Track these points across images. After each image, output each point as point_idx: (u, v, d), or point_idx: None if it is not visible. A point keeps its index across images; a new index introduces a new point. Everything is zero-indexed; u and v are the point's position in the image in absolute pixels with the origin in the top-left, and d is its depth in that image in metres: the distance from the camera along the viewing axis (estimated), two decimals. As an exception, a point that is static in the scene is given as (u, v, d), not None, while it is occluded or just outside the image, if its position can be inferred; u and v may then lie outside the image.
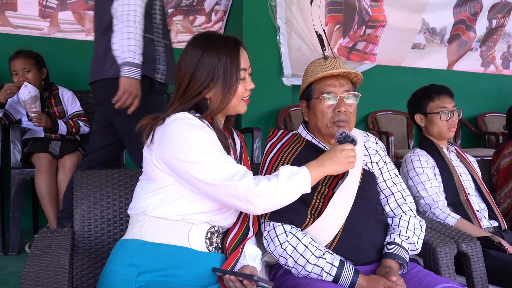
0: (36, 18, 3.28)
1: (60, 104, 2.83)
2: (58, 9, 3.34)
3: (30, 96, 2.61)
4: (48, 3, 3.32)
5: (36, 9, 3.28)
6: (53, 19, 3.33)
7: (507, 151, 2.25)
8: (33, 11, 3.27)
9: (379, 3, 3.98)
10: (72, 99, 2.89)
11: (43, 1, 3.29)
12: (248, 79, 1.26)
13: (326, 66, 1.41)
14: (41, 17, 3.30)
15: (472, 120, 4.36)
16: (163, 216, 1.15)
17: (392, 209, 1.47)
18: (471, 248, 1.47)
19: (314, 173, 1.19)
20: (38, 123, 2.63)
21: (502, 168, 2.22)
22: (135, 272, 1.10)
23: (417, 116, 2.00)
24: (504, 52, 4.76)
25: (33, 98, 2.63)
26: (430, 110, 1.96)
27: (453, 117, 1.94)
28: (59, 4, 3.34)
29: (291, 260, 1.28)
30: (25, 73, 2.66)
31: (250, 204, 1.10)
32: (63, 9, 3.35)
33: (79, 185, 1.44)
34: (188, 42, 1.24)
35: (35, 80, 2.69)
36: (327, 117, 1.40)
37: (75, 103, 2.91)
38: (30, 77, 2.67)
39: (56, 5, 3.34)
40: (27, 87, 2.61)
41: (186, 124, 1.14)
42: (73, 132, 2.79)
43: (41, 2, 3.29)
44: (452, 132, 1.96)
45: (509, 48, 4.77)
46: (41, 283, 1.00)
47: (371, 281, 1.22)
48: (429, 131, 1.99)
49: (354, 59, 3.99)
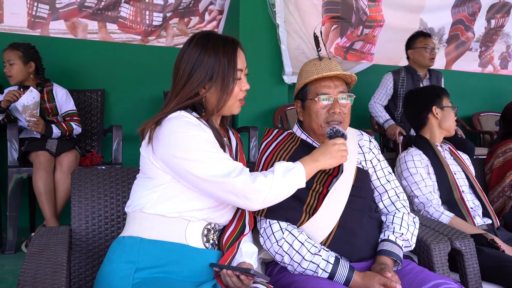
0: (25, 29, 3.13)
1: (53, 101, 2.79)
2: (50, 19, 3.22)
3: (34, 101, 2.61)
4: (39, 13, 3.17)
5: (24, 20, 3.13)
6: (43, 29, 3.20)
7: (501, 151, 2.27)
8: (21, 23, 3.13)
9: (377, 3, 3.98)
10: (66, 97, 2.86)
11: (33, 11, 3.14)
12: (244, 80, 1.27)
13: (321, 68, 1.42)
14: (30, 28, 3.16)
15: (467, 119, 4.39)
16: (160, 213, 1.16)
17: (385, 206, 1.49)
18: (464, 245, 1.49)
19: (308, 168, 1.21)
20: (35, 128, 2.61)
21: (495, 168, 2.24)
22: (133, 269, 1.11)
23: (435, 109, 2.03)
24: (503, 52, 4.78)
25: (36, 103, 2.62)
26: (446, 105, 2.03)
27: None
28: (50, 13, 3.21)
29: (287, 257, 1.29)
30: (10, 65, 2.62)
31: (248, 200, 1.12)
32: (54, 18, 3.23)
33: (77, 183, 1.45)
34: (186, 41, 1.25)
35: (18, 73, 2.64)
36: (321, 117, 1.41)
37: (69, 102, 2.87)
38: (13, 70, 2.62)
39: (47, 14, 3.20)
40: (32, 92, 2.59)
41: (183, 123, 1.15)
42: (67, 135, 2.77)
43: (30, 12, 3.13)
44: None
45: (508, 48, 4.78)
46: (39, 280, 1.01)
47: (366, 277, 1.24)
48: (443, 125, 2.04)
49: (351, 58, 4.00)
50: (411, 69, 3.21)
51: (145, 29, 3.52)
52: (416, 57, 3.16)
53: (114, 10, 3.41)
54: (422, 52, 3.12)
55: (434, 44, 3.13)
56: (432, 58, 3.12)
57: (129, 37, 3.50)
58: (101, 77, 3.39)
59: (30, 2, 3.15)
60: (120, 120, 3.32)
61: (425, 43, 3.11)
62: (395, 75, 3.24)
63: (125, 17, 3.46)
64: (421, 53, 3.12)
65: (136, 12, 3.49)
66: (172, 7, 3.56)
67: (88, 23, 3.36)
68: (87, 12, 3.33)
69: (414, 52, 3.17)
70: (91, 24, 3.37)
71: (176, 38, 3.65)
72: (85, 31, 3.36)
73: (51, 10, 3.22)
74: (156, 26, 3.55)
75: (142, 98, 3.47)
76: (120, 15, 3.45)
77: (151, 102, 3.47)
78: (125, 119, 3.34)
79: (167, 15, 3.56)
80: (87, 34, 3.38)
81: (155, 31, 3.57)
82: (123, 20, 3.47)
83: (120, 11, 3.44)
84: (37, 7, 3.17)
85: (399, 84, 3.21)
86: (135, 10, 3.48)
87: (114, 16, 3.43)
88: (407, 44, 3.26)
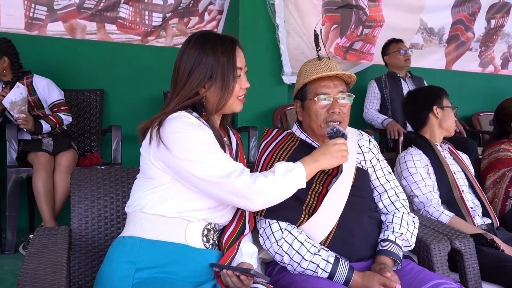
0: (22, 31, 3.10)
1: (35, 93, 2.70)
2: (48, 20, 3.18)
3: (21, 97, 2.57)
4: (36, 14, 3.13)
5: (21, 22, 3.09)
6: (41, 31, 3.16)
7: (487, 153, 2.29)
8: (18, 24, 3.08)
9: (377, 3, 3.98)
10: (49, 87, 2.74)
11: (30, 13, 3.10)
12: (244, 78, 1.27)
13: (320, 67, 1.42)
14: (28, 29, 3.12)
15: (467, 119, 4.39)
16: (161, 214, 1.16)
17: (385, 206, 1.49)
18: (464, 245, 1.49)
19: (308, 168, 1.21)
20: (24, 125, 2.57)
21: (482, 169, 2.27)
22: (133, 269, 1.11)
23: (436, 108, 2.04)
24: (505, 53, 4.77)
25: (24, 99, 2.58)
26: (446, 105, 2.04)
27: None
28: (48, 14, 3.17)
29: (287, 257, 1.29)
30: None
31: (248, 201, 1.12)
32: (53, 19, 3.19)
33: (76, 183, 1.45)
34: (184, 41, 1.25)
35: None
36: (321, 117, 1.42)
37: (52, 92, 2.75)
38: None
39: (45, 15, 3.15)
40: (19, 88, 2.56)
41: (183, 123, 1.15)
42: (57, 128, 2.71)
43: (27, 14, 3.09)
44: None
45: (510, 48, 4.77)
46: (39, 280, 1.01)
47: (366, 277, 1.24)
48: (443, 125, 2.04)
49: (350, 58, 3.99)
50: (391, 73, 3.47)
51: (145, 29, 3.52)
52: (392, 61, 3.44)
53: (113, 11, 3.40)
54: (396, 55, 3.40)
55: (407, 47, 3.43)
56: (406, 59, 3.38)
57: (128, 38, 3.50)
58: (100, 77, 3.38)
59: (27, 4, 3.12)
60: (119, 120, 3.31)
61: (398, 47, 3.40)
62: (377, 81, 3.46)
63: (124, 18, 3.45)
64: (395, 56, 3.40)
65: (135, 13, 3.48)
66: (172, 8, 3.55)
67: (87, 24, 3.34)
68: (86, 14, 3.32)
69: (390, 57, 3.45)
70: (89, 25, 3.36)
71: (175, 38, 3.64)
72: (84, 32, 3.35)
73: (49, 12, 3.19)
74: (156, 27, 3.55)
75: (142, 98, 3.46)
76: (119, 15, 3.44)
77: (150, 102, 3.46)
78: (124, 119, 3.33)
79: (167, 15, 3.55)
80: (86, 35, 3.37)
81: (155, 31, 3.57)
82: (122, 20, 3.46)
83: (119, 11, 3.43)
84: (34, 9, 3.14)
85: (383, 87, 3.43)
86: (134, 10, 3.47)
87: (113, 17, 3.42)
88: (382, 52, 3.54)
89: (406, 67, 3.44)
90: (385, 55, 3.50)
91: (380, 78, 3.48)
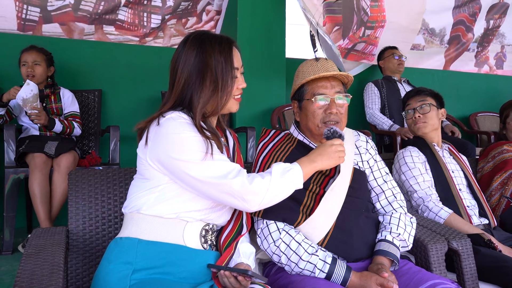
0: (15, 31, 3.11)
1: (59, 102, 2.89)
2: (41, 22, 3.17)
3: (32, 94, 2.63)
4: (29, 16, 3.11)
5: (14, 23, 3.09)
6: (35, 32, 3.17)
7: (491, 155, 2.29)
8: (11, 25, 3.09)
9: (380, 3, 3.97)
10: (72, 99, 2.97)
11: (22, 14, 3.08)
12: (241, 78, 1.27)
13: (317, 68, 1.43)
14: (21, 31, 3.13)
15: (464, 120, 4.40)
16: (158, 214, 1.16)
17: (382, 206, 1.49)
18: (461, 245, 1.49)
19: (306, 169, 1.21)
20: (37, 120, 2.66)
21: (485, 173, 2.27)
22: (130, 270, 1.11)
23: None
24: (498, 52, 4.78)
25: (35, 96, 2.65)
26: (409, 108, 2.08)
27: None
28: (42, 16, 3.15)
29: (284, 258, 1.29)
30: (34, 66, 2.74)
31: (245, 202, 1.12)
32: (47, 21, 3.18)
33: (74, 184, 1.45)
34: (180, 42, 1.25)
35: (41, 75, 2.77)
36: (318, 117, 1.42)
37: (74, 104, 2.98)
38: (38, 70, 2.75)
39: (38, 17, 3.14)
40: (29, 85, 2.63)
41: (180, 124, 1.14)
42: (67, 132, 2.81)
43: (19, 16, 3.07)
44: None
45: (503, 48, 4.78)
46: (36, 281, 1.01)
47: (363, 277, 1.24)
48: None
49: (351, 58, 4.01)
50: (387, 76, 3.69)
51: (143, 31, 3.52)
52: (386, 65, 3.67)
53: (112, 13, 3.39)
54: (390, 59, 3.63)
55: (401, 53, 3.67)
56: (400, 64, 3.62)
57: (126, 38, 3.50)
58: (98, 77, 3.38)
59: (19, 5, 3.10)
60: (117, 120, 3.31)
61: (392, 52, 3.65)
62: (374, 83, 3.62)
63: (123, 20, 3.45)
64: (390, 61, 3.64)
65: (134, 15, 3.47)
66: (171, 10, 3.55)
67: (85, 27, 3.34)
68: (84, 17, 3.29)
69: (384, 61, 3.69)
70: (87, 28, 3.35)
71: (173, 39, 3.64)
72: (81, 34, 3.34)
73: (42, 13, 3.17)
74: (154, 28, 3.55)
75: (140, 98, 3.46)
76: (118, 18, 3.43)
77: (148, 102, 3.46)
78: (122, 119, 3.33)
79: (166, 17, 3.55)
80: (83, 36, 3.36)
81: (153, 32, 3.56)
82: (120, 22, 3.45)
83: (118, 14, 3.42)
84: (27, 10, 3.12)
85: (380, 88, 3.56)
86: (133, 12, 3.46)
87: (111, 19, 3.41)
88: (378, 58, 3.78)
89: (399, 72, 3.66)
90: (380, 60, 3.73)
91: (377, 80, 3.66)
